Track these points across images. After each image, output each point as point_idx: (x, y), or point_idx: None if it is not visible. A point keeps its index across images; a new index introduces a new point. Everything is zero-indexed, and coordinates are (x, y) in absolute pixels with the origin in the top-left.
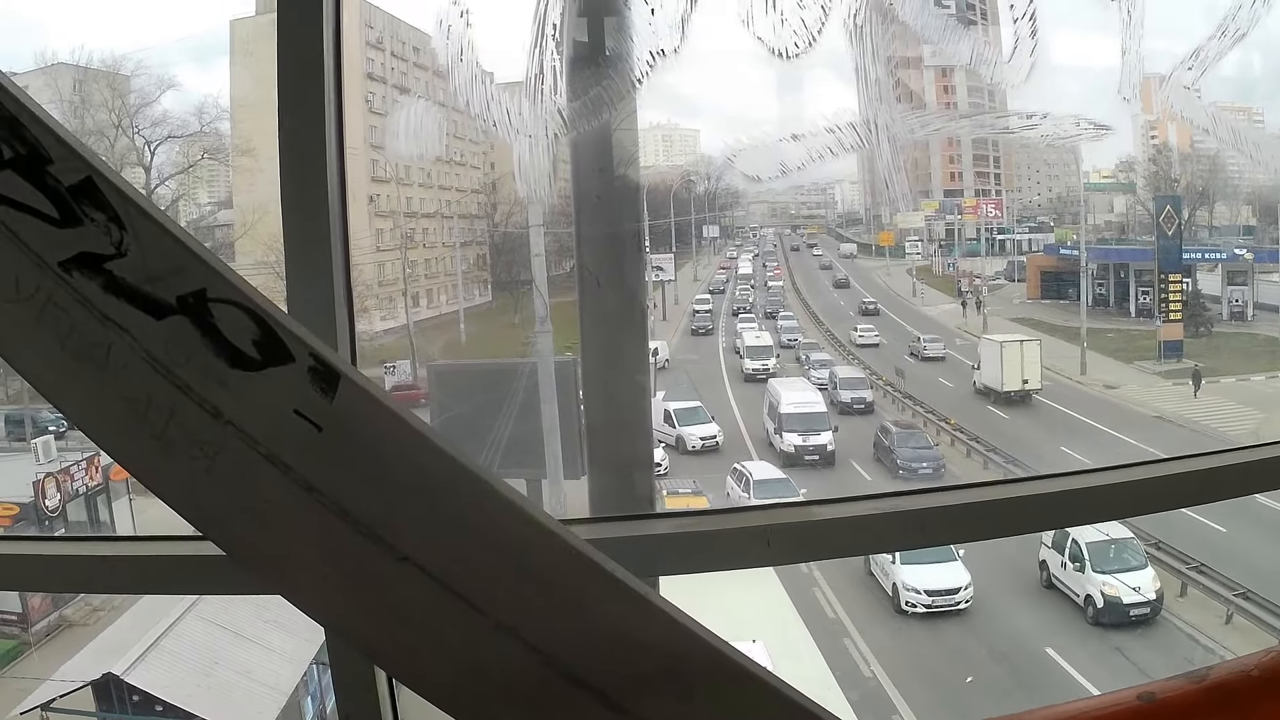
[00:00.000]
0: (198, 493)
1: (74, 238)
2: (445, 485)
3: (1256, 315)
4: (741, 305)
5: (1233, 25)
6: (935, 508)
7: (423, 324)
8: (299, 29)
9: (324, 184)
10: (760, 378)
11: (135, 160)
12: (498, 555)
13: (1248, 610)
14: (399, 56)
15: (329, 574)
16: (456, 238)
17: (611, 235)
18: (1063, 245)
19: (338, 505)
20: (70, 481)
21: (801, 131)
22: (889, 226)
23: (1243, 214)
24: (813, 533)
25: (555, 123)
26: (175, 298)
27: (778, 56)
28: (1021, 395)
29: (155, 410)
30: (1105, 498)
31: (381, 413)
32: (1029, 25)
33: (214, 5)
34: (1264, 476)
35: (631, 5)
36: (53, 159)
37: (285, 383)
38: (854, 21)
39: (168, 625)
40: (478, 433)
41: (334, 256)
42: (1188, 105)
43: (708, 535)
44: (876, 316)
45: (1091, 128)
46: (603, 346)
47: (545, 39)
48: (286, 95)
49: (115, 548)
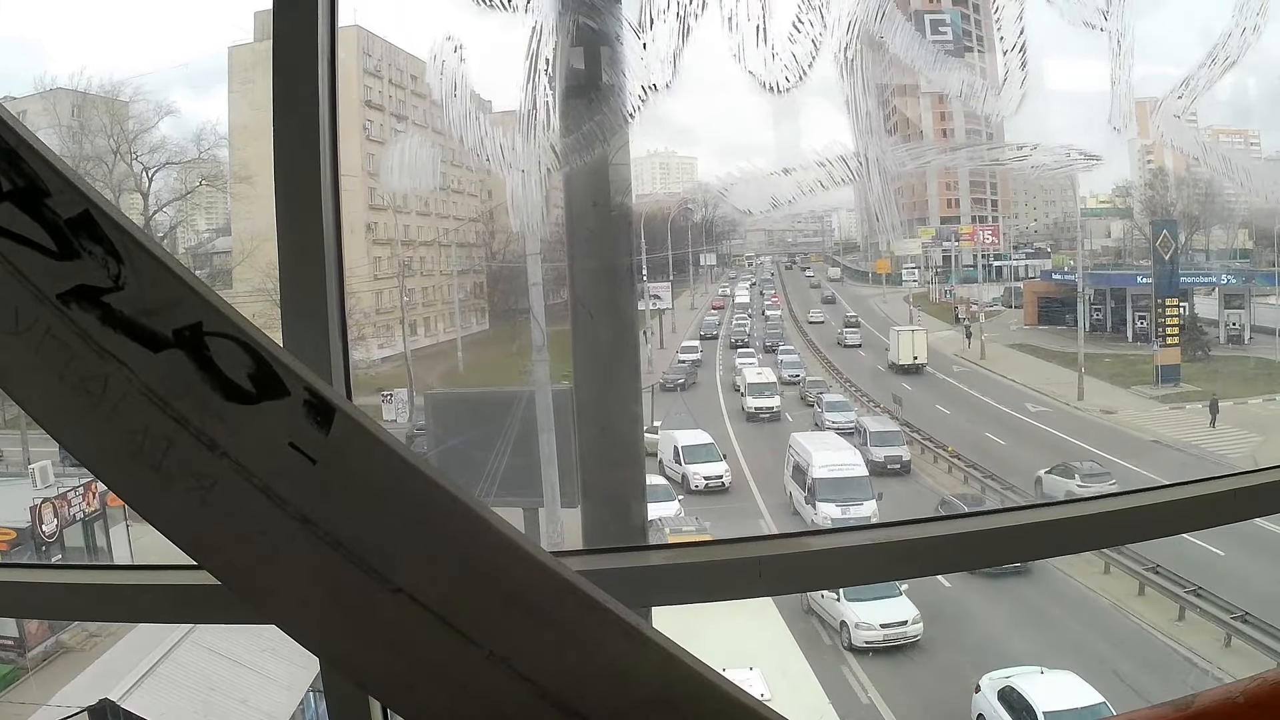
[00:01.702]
0: (194, 524)
1: (72, 270)
2: (439, 517)
3: (1254, 339)
4: (740, 339)
5: (1223, 53)
6: (925, 538)
7: (420, 352)
8: (293, 63)
9: (319, 221)
10: (764, 417)
11: (133, 186)
12: (491, 587)
13: (1246, 633)
14: (397, 85)
15: (323, 604)
16: (454, 266)
17: (604, 268)
18: (1058, 271)
19: (332, 537)
20: (67, 507)
21: (793, 165)
22: (886, 254)
23: (1239, 237)
24: (805, 564)
25: (548, 157)
26: (172, 331)
27: (769, 90)
28: (914, 367)
29: (152, 442)
30: (1098, 525)
31: (375, 446)
32: (1019, 57)
33: (212, 32)
34: (1262, 501)
35: (623, 40)
36: (51, 191)
37: (280, 416)
38: (845, 55)
39: (165, 652)
40: (475, 461)
41: (329, 291)
42: (1178, 133)
43: (700, 566)
44: (858, 329)
45: (1082, 157)
46: (595, 378)
47: (538, 74)
48: (281, 129)
49: (111, 576)
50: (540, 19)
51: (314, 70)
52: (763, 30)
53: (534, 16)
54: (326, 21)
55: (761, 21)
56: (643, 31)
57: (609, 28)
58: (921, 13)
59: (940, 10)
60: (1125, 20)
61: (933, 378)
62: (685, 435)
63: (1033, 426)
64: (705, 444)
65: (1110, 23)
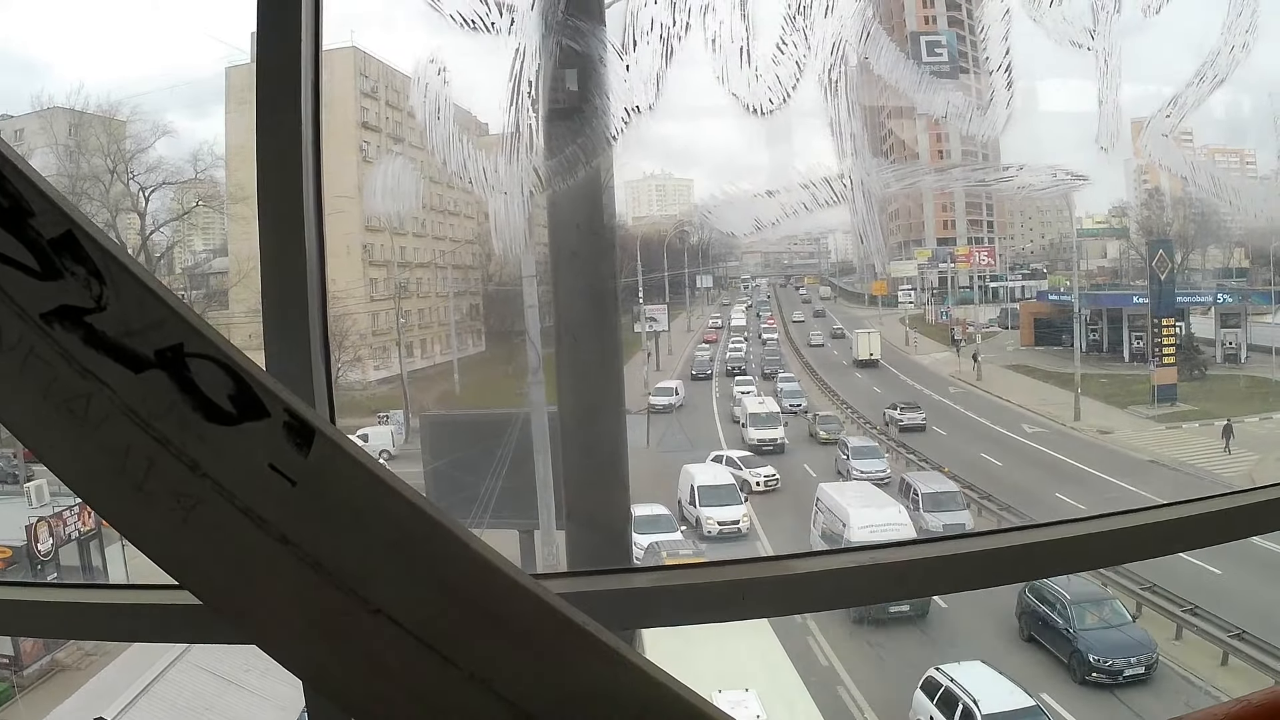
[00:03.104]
0: (176, 544)
1: (55, 290)
2: (418, 539)
3: (1250, 357)
4: (737, 366)
5: (1211, 71)
6: (913, 560)
7: (417, 374)
8: (277, 85)
9: (301, 243)
10: (767, 449)
11: (130, 206)
12: (470, 608)
13: (1243, 651)
14: (393, 106)
15: (304, 625)
16: (450, 288)
17: (588, 290)
18: (1054, 292)
19: (312, 558)
20: (63, 526)
21: (777, 187)
22: (882, 275)
23: (1235, 256)
24: (789, 586)
25: (531, 180)
26: (153, 352)
27: (752, 113)
28: (871, 362)
29: (134, 462)
30: (1094, 545)
31: (355, 468)
32: (1005, 77)
33: (210, 52)
34: (1259, 519)
35: (607, 63)
36: (34, 211)
37: (260, 437)
38: (829, 77)
39: (159, 671)
40: (471, 483)
41: (311, 313)
42: (1166, 152)
43: (683, 589)
44: (843, 339)
45: (1069, 178)
46: (580, 401)
47: (521, 97)
48: (265, 153)
49: (98, 595)
50: (523, 41)
51: (297, 91)
52: (746, 52)
53: (517, 38)
54: (310, 45)
55: (745, 43)
56: (626, 53)
57: (592, 50)
58: (918, 34)
59: (936, 32)
60: (1112, 40)
61: (929, 399)
62: (704, 473)
63: (1029, 447)
64: (725, 484)
65: (1097, 42)
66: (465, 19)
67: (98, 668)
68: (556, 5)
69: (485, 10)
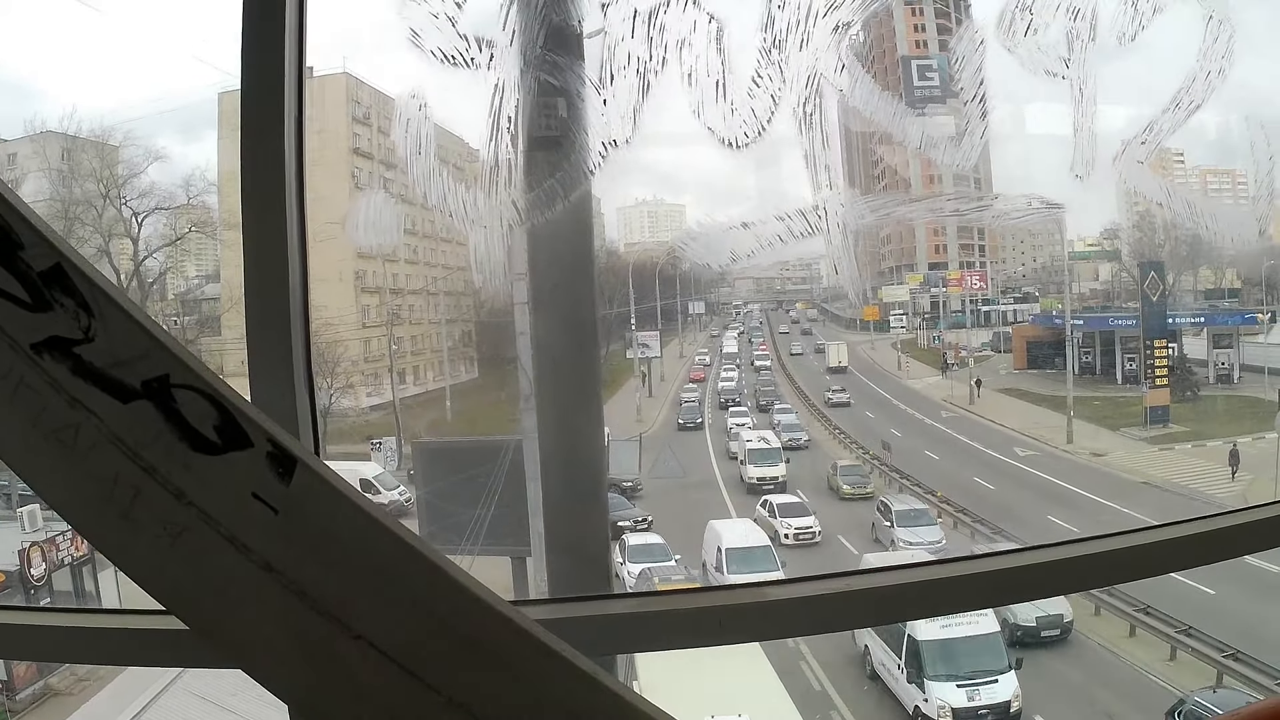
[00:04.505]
0: (162, 570)
1: (45, 322)
2: (398, 566)
3: (1242, 377)
4: (731, 397)
5: (1187, 98)
6: (889, 586)
7: (409, 400)
8: (260, 114)
9: (285, 276)
10: (767, 488)
11: (123, 231)
12: (449, 634)
13: (1238, 671)
14: (385, 132)
15: (287, 651)
16: (443, 314)
17: (567, 321)
18: (1048, 314)
19: (295, 585)
20: (56, 551)
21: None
22: (858, 303)
23: (1227, 277)
24: (766, 613)
25: (510, 213)
26: (140, 382)
27: (728, 146)
28: (841, 369)
29: (122, 490)
30: (1086, 566)
31: (335, 497)
32: (979, 107)
33: (202, 77)
34: (1251, 538)
35: (585, 98)
36: (24, 244)
37: (244, 467)
38: (804, 109)
39: (151, 697)
40: (463, 509)
41: (295, 344)
42: (1141, 178)
43: (661, 615)
44: (821, 353)
45: (1044, 206)
46: (561, 432)
47: (500, 131)
48: (250, 183)
49: (88, 619)
50: (502, 76)
51: (280, 121)
52: (722, 86)
53: (496, 73)
54: (294, 74)
55: (721, 77)
56: (603, 88)
57: (570, 84)
58: (909, 58)
59: (927, 56)
60: (1087, 68)
61: (922, 424)
62: (732, 533)
63: (1022, 470)
64: (758, 547)
65: (1072, 70)
66: (446, 55)
67: (90, 693)
68: (535, 41)
69: (465, 46)
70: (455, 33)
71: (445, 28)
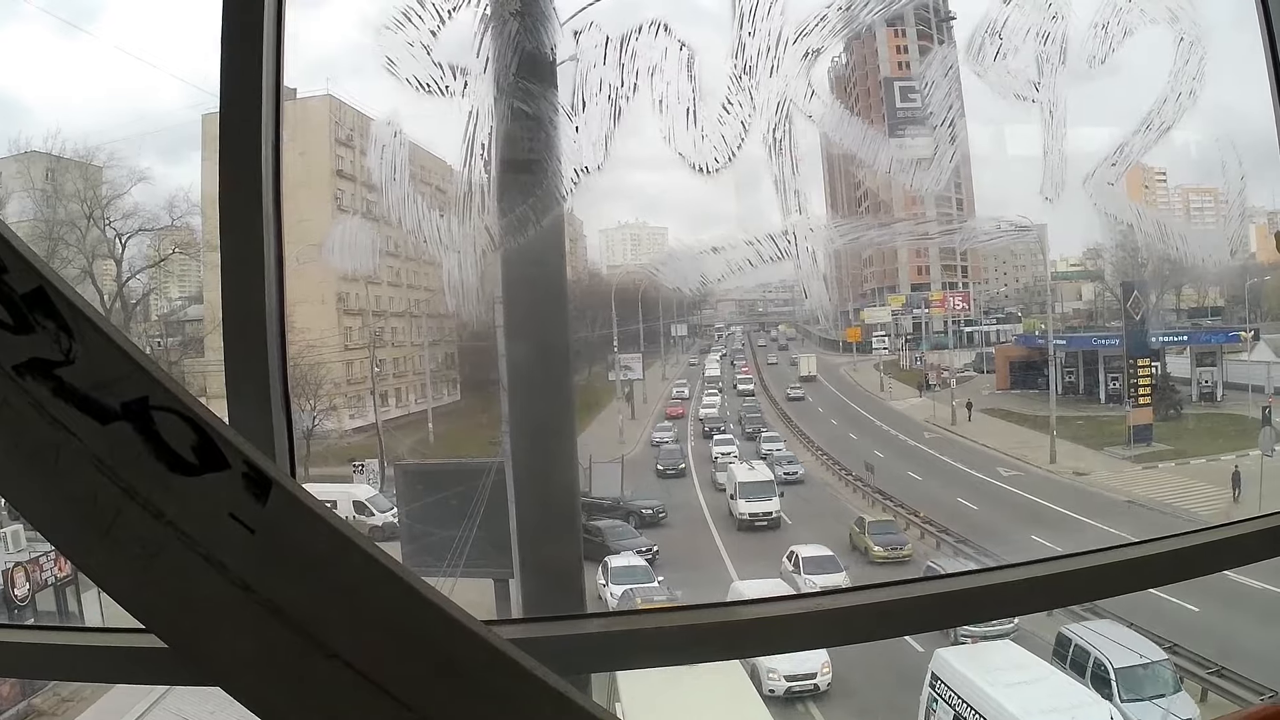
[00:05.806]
0: (141, 588)
1: (27, 344)
2: (371, 586)
3: (1226, 395)
4: (715, 426)
5: (1157, 119)
6: (861, 605)
7: (391, 423)
8: (238, 137)
9: (262, 300)
10: (760, 524)
11: (106, 252)
12: (422, 653)
13: (1223, 688)
14: (367, 154)
15: (264, 669)
16: (425, 337)
17: (541, 346)
18: (1031, 335)
19: (271, 604)
20: (39, 571)
21: (722, 244)
22: (856, 323)
23: (1210, 296)
24: (737, 632)
25: (483, 239)
26: (120, 404)
27: (699, 171)
28: (810, 378)
29: (101, 510)
30: (1060, 584)
31: (311, 518)
32: (948, 131)
33: (186, 98)
34: (1234, 553)
35: (557, 125)
36: (7, 268)
37: (221, 488)
38: (773, 135)
39: (136, 717)
40: (446, 531)
41: (271, 367)
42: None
43: (633, 635)
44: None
45: (1013, 229)
46: (533, 453)
47: (474, 157)
48: (227, 205)
49: (69, 638)
50: (476, 103)
51: (258, 143)
52: (692, 112)
53: (470, 100)
54: (271, 97)
55: (691, 103)
56: (575, 114)
57: (543, 111)
58: (891, 79)
59: (910, 77)
60: (1057, 92)
61: (904, 444)
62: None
63: (1005, 490)
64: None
65: (1042, 94)
66: (420, 83)
67: (74, 713)
68: (509, 67)
69: (440, 74)
70: (430, 61)
71: (421, 56)
